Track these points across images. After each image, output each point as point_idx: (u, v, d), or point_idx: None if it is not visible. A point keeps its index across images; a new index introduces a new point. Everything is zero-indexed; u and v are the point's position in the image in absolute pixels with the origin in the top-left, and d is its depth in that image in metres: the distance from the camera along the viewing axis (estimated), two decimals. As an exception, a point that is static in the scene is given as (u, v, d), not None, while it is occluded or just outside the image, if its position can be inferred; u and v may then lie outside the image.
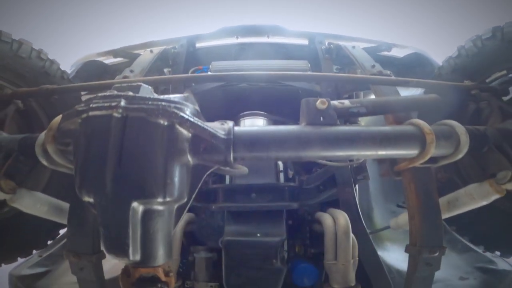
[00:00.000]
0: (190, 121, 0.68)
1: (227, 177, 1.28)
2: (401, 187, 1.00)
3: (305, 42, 1.77)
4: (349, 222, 1.05)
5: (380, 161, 1.03)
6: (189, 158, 0.69)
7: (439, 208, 0.91)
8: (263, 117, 1.38)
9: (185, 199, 0.71)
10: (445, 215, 0.97)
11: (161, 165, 0.64)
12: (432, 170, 0.92)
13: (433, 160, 0.86)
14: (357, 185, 1.25)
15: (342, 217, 1.07)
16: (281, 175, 1.27)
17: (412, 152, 0.80)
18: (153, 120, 0.64)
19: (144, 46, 1.76)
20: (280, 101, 1.41)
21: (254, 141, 0.77)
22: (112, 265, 1.22)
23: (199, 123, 0.70)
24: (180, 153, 0.67)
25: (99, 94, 0.67)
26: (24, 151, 0.91)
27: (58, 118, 0.76)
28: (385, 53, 1.75)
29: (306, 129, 0.81)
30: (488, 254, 1.42)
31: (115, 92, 0.66)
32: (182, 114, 0.67)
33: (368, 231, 1.19)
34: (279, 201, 1.14)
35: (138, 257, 0.64)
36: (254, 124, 1.35)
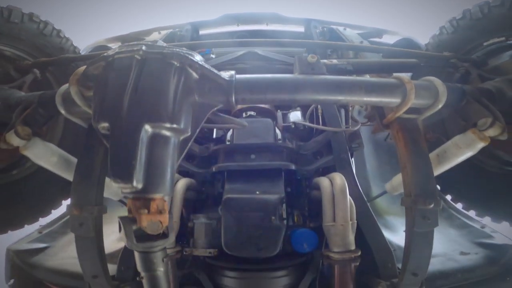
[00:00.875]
0: (199, 64, 0.78)
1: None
2: (397, 164, 1.03)
3: (301, 29, 1.87)
4: (346, 182, 1.08)
5: (371, 118, 1.08)
6: (196, 96, 0.78)
7: (428, 158, 0.95)
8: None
9: (189, 133, 0.77)
10: (436, 170, 1.01)
11: (171, 97, 0.73)
12: (418, 122, 0.98)
13: (416, 111, 0.95)
14: (353, 154, 1.28)
15: (338, 177, 1.09)
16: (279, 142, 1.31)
17: (395, 100, 0.89)
18: (167, 61, 0.74)
19: (151, 32, 1.87)
20: None
21: (253, 85, 0.85)
22: (109, 242, 1.23)
23: (206, 66, 0.80)
24: (188, 90, 0.76)
25: (123, 44, 0.78)
26: (43, 104, 0.98)
27: (83, 67, 0.85)
28: (376, 39, 1.85)
29: (299, 77, 0.91)
30: (486, 229, 1.43)
31: (137, 42, 0.78)
32: (192, 58, 0.77)
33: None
34: (278, 161, 1.17)
35: (141, 184, 0.68)
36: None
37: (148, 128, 0.69)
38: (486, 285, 1.29)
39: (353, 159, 1.31)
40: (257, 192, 1.07)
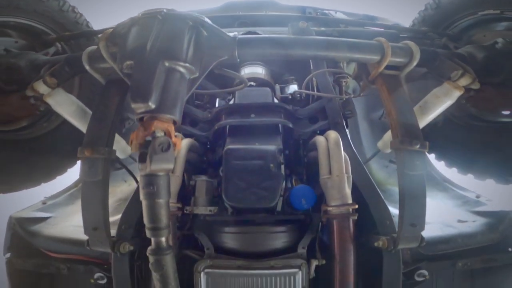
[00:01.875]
0: (209, 24, 0.94)
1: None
2: None
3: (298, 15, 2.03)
4: (340, 137, 1.13)
5: (357, 78, 1.19)
6: (205, 48, 0.92)
7: (411, 105, 1.05)
8: (261, 66, 1.53)
9: (197, 74, 0.90)
10: (421, 120, 1.10)
11: (185, 46, 0.87)
12: (399, 78, 1.09)
13: (396, 68, 1.08)
14: (347, 123, 1.35)
15: (333, 133, 1.16)
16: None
17: (375, 57, 1.03)
18: (183, 20, 0.89)
19: None
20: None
21: (253, 42, 1.00)
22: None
23: (214, 26, 0.95)
24: (199, 43, 0.90)
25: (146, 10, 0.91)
26: (69, 62, 1.10)
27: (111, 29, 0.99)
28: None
29: (292, 36, 1.11)
30: (482, 199, 1.45)
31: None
32: (203, 19, 0.93)
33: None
34: (276, 118, 1.25)
35: (155, 105, 0.78)
36: (254, 71, 1.51)
37: (165, 63, 0.82)
38: (487, 252, 1.30)
39: (348, 130, 1.37)
40: (256, 144, 1.12)
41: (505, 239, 1.28)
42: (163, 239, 0.86)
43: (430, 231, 1.28)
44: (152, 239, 0.86)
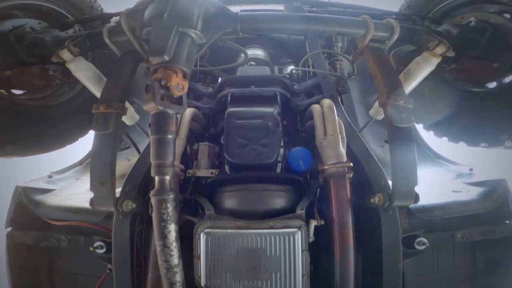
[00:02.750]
0: (215, 1, 1.09)
1: None
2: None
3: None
4: (333, 102, 1.22)
5: (347, 52, 1.33)
6: (212, 21, 1.05)
7: (395, 70, 1.17)
8: (261, 49, 1.66)
9: (204, 40, 1.02)
10: (406, 85, 1.21)
11: (196, 17, 1.00)
12: (383, 50, 1.22)
13: (379, 41, 1.22)
14: (342, 99, 1.43)
15: (327, 100, 1.26)
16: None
17: (360, 31, 1.17)
18: None
19: None
20: (272, 40, 1.77)
21: (253, 17, 1.14)
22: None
23: (220, 4, 1.10)
24: (206, 16, 1.04)
25: None
26: (90, 36, 1.25)
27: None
28: None
29: (286, 13, 1.27)
30: (475, 172, 1.49)
31: None
32: None
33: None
34: (274, 85, 1.35)
35: (169, 57, 0.90)
36: (254, 52, 1.63)
37: (179, 29, 0.94)
38: (485, 222, 1.32)
39: (343, 106, 1.45)
40: (256, 108, 1.20)
41: (500, 207, 1.30)
42: (167, 178, 0.90)
43: (425, 199, 1.31)
44: (156, 179, 0.90)
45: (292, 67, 1.61)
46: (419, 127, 1.62)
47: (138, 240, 1.23)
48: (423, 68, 1.22)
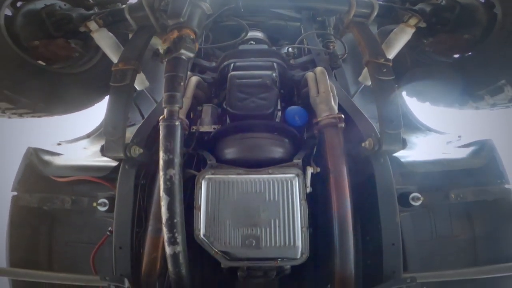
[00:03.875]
0: None
1: None
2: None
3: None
4: (324, 69, 1.36)
5: (335, 27, 1.55)
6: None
7: (376, 37, 1.37)
8: (260, 31, 1.88)
9: (211, 12, 1.19)
10: (388, 53, 1.38)
11: None
12: (366, 24, 1.41)
13: (362, 17, 1.42)
14: (334, 73, 1.58)
15: (320, 67, 1.40)
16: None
17: (344, 7, 1.39)
18: None
19: None
20: (270, 26, 2.00)
21: None
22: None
23: None
24: None
25: None
26: (112, 13, 1.45)
27: None
28: None
29: None
30: (463, 138, 1.57)
31: None
32: None
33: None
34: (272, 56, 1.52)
35: (183, 19, 1.06)
36: (254, 33, 1.85)
37: (191, 0, 1.11)
38: (477, 181, 1.37)
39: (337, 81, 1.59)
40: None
41: (490, 166, 1.35)
42: (176, 108, 1.00)
43: (415, 156, 1.39)
44: (166, 109, 1.00)
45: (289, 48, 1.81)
46: (413, 104, 1.76)
47: (140, 197, 1.27)
48: (400, 38, 1.42)
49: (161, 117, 1.01)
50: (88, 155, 1.52)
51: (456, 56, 1.56)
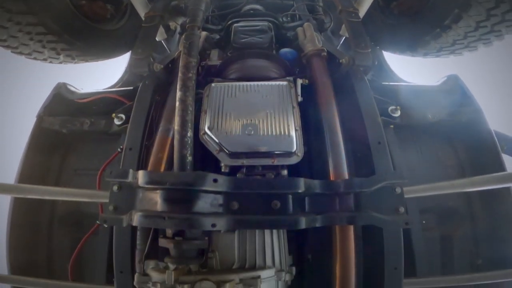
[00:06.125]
0: None
1: None
2: None
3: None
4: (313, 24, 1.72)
5: (325, 12, 1.93)
6: None
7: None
8: (259, 4, 2.26)
9: None
10: (361, 12, 1.72)
11: None
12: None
13: None
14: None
15: (306, 23, 1.74)
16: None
17: None
18: None
19: None
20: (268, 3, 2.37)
21: None
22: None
23: None
24: None
25: None
26: None
27: None
28: None
29: None
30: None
31: None
32: None
33: None
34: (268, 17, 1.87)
35: None
36: (253, 5, 2.20)
37: None
38: (447, 99, 1.57)
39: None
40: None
41: (456, 89, 1.57)
42: (198, 20, 1.30)
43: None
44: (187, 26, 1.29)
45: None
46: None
47: (154, 113, 1.44)
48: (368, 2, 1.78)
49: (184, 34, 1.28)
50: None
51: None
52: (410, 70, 2.19)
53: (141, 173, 1.03)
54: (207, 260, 1.11)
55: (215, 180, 1.01)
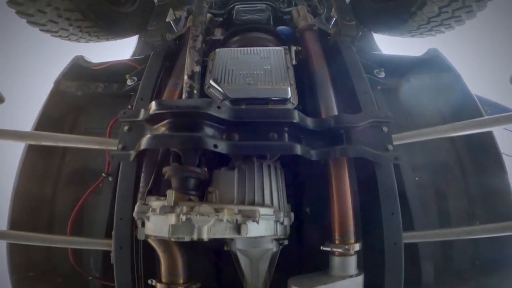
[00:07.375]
0: None
1: None
2: None
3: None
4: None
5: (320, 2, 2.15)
6: None
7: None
8: None
9: None
10: None
11: None
12: None
13: None
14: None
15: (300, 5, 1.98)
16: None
17: None
18: None
19: None
20: None
21: None
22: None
23: None
24: None
25: None
26: None
27: None
28: None
29: None
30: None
31: None
32: None
33: None
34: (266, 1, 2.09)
35: None
36: None
37: None
38: (427, 66, 1.73)
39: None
40: None
41: (435, 57, 1.74)
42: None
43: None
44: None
45: None
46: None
47: (163, 75, 1.59)
48: None
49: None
50: None
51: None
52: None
53: (153, 103, 1.15)
54: (207, 195, 1.16)
55: (219, 107, 1.13)
